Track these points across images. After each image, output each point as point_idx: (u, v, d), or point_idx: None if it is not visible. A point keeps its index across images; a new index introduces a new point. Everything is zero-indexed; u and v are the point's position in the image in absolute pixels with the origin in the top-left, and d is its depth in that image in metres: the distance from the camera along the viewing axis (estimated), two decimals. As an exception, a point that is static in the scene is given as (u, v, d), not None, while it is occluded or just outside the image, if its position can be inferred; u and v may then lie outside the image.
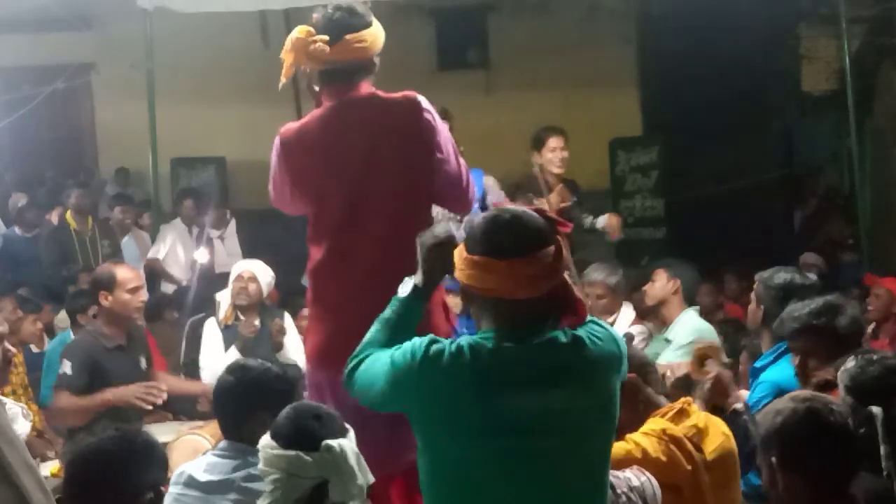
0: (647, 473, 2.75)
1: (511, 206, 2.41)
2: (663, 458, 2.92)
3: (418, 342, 2.32)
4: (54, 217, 9.37)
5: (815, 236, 9.35)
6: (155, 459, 2.67)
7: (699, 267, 5.86)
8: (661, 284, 5.43)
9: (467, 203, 3.35)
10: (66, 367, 4.70)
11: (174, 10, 7.79)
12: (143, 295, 4.92)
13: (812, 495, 2.43)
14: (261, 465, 2.62)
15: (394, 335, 2.48)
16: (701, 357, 3.80)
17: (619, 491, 2.62)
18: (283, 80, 3.35)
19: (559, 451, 2.28)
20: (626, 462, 2.85)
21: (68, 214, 8.70)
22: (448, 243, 2.50)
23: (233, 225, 9.09)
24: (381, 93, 3.30)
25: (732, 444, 3.13)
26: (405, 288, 2.57)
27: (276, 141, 3.34)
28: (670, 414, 3.07)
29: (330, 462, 2.51)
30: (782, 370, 3.80)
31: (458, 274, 2.35)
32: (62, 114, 11.68)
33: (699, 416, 3.13)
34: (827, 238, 9.15)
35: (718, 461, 3.02)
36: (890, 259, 8.70)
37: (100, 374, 4.72)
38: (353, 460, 2.52)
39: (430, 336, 2.33)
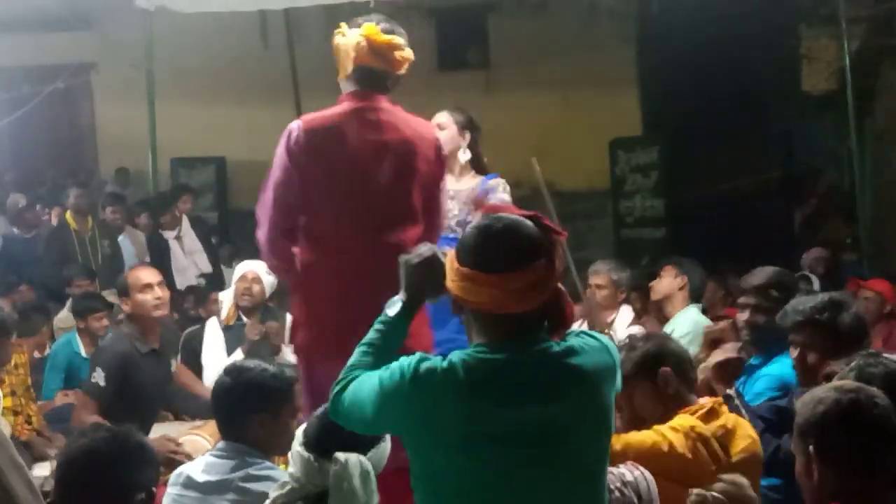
0: (642, 468, 2.74)
1: (505, 214, 2.34)
2: (689, 456, 2.91)
3: (406, 361, 2.26)
4: (53, 217, 9.38)
5: (815, 236, 9.34)
6: (146, 460, 2.66)
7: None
8: (668, 280, 5.46)
9: (437, 234, 3.54)
10: (99, 377, 4.65)
11: (174, 10, 7.80)
12: (159, 291, 4.85)
13: (847, 488, 2.39)
14: (290, 454, 2.63)
15: (378, 357, 2.40)
16: (712, 341, 3.82)
17: (612, 486, 2.59)
18: (344, 75, 3.44)
19: (556, 462, 2.25)
20: (651, 454, 2.86)
21: (68, 214, 8.70)
22: (432, 262, 2.44)
23: (186, 222, 9.01)
24: (407, 114, 3.47)
25: (758, 447, 3.12)
26: (393, 308, 2.48)
27: (295, 130, 3.37)
28: (700, 412, 3.06)
29: (333, 475, 2.50)
30: (784, 364, 3.81)
31: (449, 284, 2.30)
32: (62, 114, 11.67)
33: (728, 416, 3.12)
34: (827, 238, 9.14)
35: (742, 464, 3.01)
36: (890, 259, 8.70)
37: (131, 381, 4.70)
38: (357, 479, 2.49)
39: (419, 354, 2.28)
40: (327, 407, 2.54)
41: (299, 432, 2.65)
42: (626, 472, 2.68)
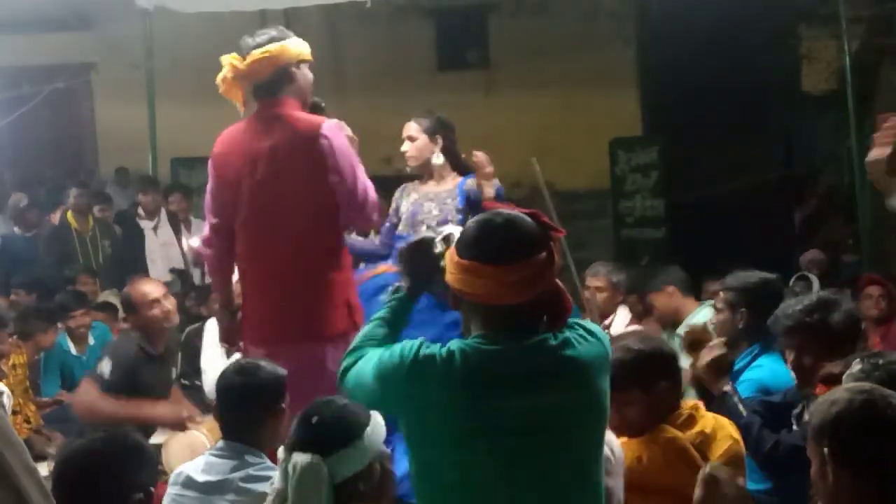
0: (611, 433, 2.75)
1: (504, 210, 2.40)
2: (666, 468, 2.91)
3: (407, 347, 2.31)
4: (56, 218, 9.36)
5: (815, 236, 9.34)
6: (144, 460, 2.65)
7: (698, 267, 5.87)
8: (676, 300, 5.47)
9: (362, 218, 3.82)
10: (105, 367, 4.66)
11: (174, 10, 7.82)
12: (166, 304, 4.83)
13: (863, 490, 2.34)
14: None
15: (389, 329, 2.54)
16: (691, 343, 3.83)
17: None
18: (242, 110, 3.93)
19: (552, 450, 2.28)
20: (628, 470, 2.86)
21: (69, 214, 8.70)
22: (422, 248, 2.52)
23: (164, 215, 8.92)
24: (296, 113, 3.78)
25: (739, 447, 3.11)
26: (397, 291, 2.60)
27: (216, 146, 3.93)
28: (679, 420, 3.05)
29: (283, 476, 2.49)
30: (765, 368, 3.82)
31: (448, 278, 2.34)
32: (62, 114, 11.65)
33: (707, 420, 3.12)
34: (827, 238, 9.14)
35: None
36: (890, 259, 8.69)
37: (134, 382, 4.70)
38: (295, 479, 2.46)
39: (421, 340, 2.33)
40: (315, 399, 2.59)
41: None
42: None
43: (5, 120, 9.37)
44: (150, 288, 4.89)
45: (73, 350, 6.44)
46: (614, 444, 2.74)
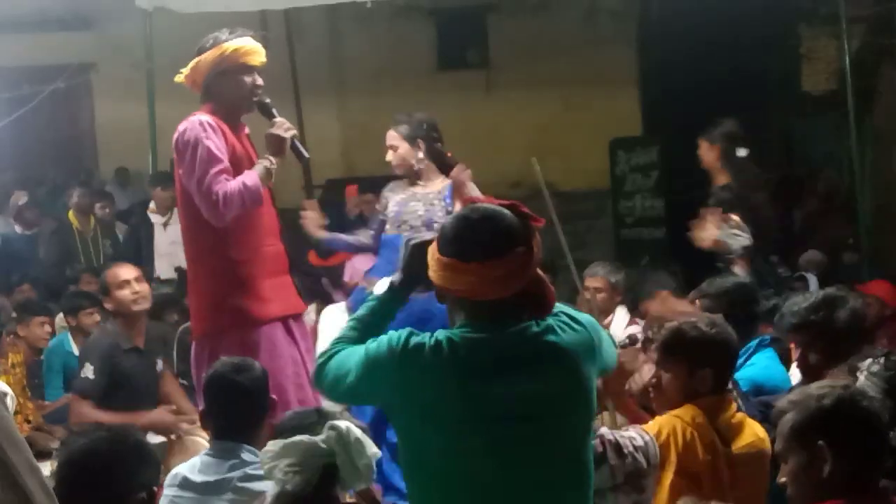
0: (649, 434, 2.77)
1: (483, 204, 2.40)
2: (681, 443, 2.92)
3: (395, 336, 2.34)
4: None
5: (815, 236, 9.33)
6: (146, 459, 2.65)
7: (698, 267, 5.85)
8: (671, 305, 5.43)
9: (211, 217, 3.78)
10: (89, 371, 4.72)
11: (174, 10, 7.80)
12: (137, 286, 4.93)
13: (856, 481, 2.36)
14: (267, 462, 2.60)
15: (365, 332, 2.47)
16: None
17: (625, 451, 2.66)
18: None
19: (539, 436, 2.32)
20: None
21: (70, 213, 8.69)
22: (426, 247, 2.50)
23: (176, 213, 8.84)
24: (193, 114, 3.99)
25: (765, 445, 3.10)
26: (381, 286, 2.57)
27: None
28: (708, 404, 3.06)
29: (336, 440, 2.49)
30: (758, 368, 3.82)
31: (430, 274, 2.37)
32: (62, 114, 11.66)
33: (738, 414, 3.13)
34: (827, 238, 9.13)
35: (745, 458, 3.01)
36: (890, 259, 8.69)
37: (117, 376, 4.77)
38: (359, 437, 2.49)
39: (409, 329, 2.36)
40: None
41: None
42: (636, 437, 2.73)
43: (5, 120, 9.36)
44: (123, 271, 4.98)
45: (76, 350, 6.43)
46: (649, 443, 2.74)
